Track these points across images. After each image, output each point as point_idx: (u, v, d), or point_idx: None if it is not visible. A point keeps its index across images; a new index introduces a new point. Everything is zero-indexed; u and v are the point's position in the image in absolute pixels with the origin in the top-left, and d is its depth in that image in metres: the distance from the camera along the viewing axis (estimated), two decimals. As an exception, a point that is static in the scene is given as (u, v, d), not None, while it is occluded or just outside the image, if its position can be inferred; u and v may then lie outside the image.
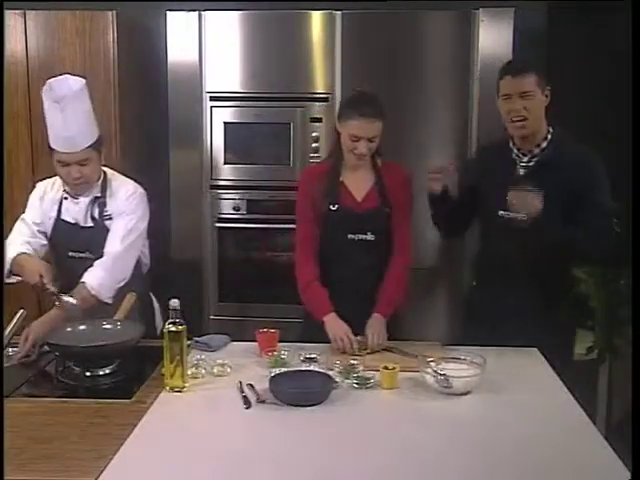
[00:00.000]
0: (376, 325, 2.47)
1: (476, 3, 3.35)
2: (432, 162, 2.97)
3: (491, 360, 2.19)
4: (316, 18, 3.41)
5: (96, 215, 2.60)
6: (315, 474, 1.68)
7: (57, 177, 2.65)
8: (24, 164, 3.51)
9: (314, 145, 3.45)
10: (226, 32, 3.45)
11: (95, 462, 1.68)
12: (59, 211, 2.63)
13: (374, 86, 2.63)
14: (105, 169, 2.67)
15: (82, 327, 2.36)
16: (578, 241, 2.43)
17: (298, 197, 2.69)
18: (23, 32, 3.42)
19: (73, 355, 2.25)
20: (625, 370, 2.44)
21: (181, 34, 3.43)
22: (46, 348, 2.34)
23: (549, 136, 2.52)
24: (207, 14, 3.44)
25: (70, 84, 2.49)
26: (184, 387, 2.11)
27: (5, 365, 2.26)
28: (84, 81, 2.53)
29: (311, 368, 2.20)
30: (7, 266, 2.49)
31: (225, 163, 3.52)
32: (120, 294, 2.52)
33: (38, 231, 2.64)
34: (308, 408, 2.00)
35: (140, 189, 2.68)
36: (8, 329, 2.32)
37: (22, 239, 2.59)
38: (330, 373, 2.15)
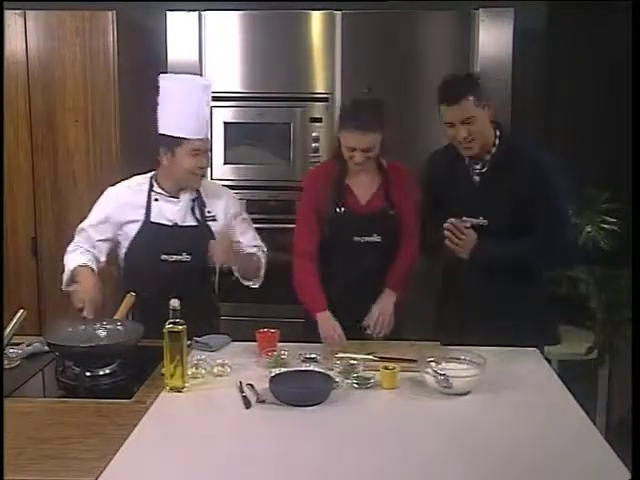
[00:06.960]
0: (384, 303, 2.51)
1: (476, 3, 3.35)
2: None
3: (491, 360, 2.19)
4: (316, 18, 3.41)
5: (198, 215, 2.57)
6: (315, 474, 1.68)
7: (131, 181, 2.61)
8: (24, 164, 3.52)
9: (314, 145, 3.45)
10: (226, 32, 3.45)
11: (95, 462, 1.67)
12: (147, 214, 2.54)
13: (373, 86, 2.63)
14: None
15: (82, 327, 2.36)
16: (530, 248, 2.42)
17: (302, 197, 2.68)
18: (23, 32, 3.42)
19: (73, 355, 2.24)
20: (625, 370, 2.43)
21: (181, 34, 3.44)
22: (46, 348, 2.34)
23: (497, 140, 2.47)
24: (207, 14, 3.44)
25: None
26: (184, 387, 2.11)
27: (5, 365, 2.26)
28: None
29: (311, 368, 2.20)
30: (66, 276, 2.50)
31: (225, 163, 3.52)
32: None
33: (98, 240, 2.56)
34: (308, 408, 1.99)
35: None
36: (8, 329, 2.31)
37: (83, 248, 2.56)
38: (330, 373, 2.15)
